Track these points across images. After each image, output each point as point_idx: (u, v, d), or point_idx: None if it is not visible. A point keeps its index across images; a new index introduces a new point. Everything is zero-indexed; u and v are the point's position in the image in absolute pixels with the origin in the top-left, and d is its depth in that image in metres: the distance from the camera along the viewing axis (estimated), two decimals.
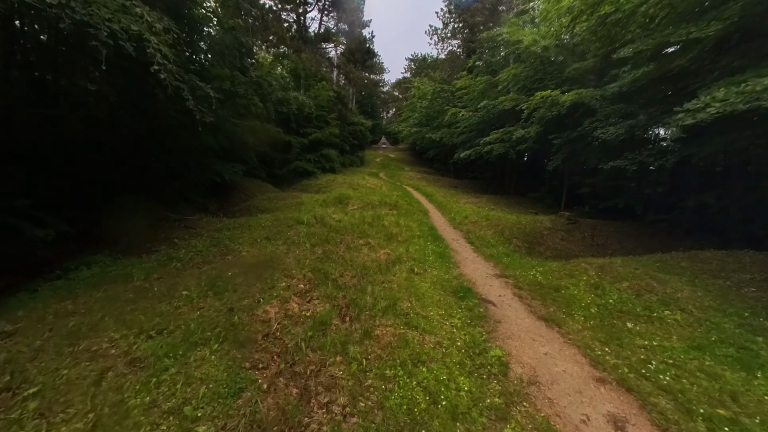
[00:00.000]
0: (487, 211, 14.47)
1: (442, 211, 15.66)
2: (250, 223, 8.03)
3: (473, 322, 4.58)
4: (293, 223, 8.15)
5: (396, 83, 72.15)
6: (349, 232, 8.49)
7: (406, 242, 8.57)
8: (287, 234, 7.50)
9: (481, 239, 10.20)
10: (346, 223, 9.08)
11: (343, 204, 15.34)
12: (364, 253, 7.25)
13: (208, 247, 6.52)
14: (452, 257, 7.94)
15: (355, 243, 7.90)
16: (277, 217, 8.51)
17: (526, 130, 15.64)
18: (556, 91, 13.67)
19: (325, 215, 9.23)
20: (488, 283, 6.37)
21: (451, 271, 6.86)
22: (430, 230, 10.66)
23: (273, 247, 6.77)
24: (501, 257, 8.37)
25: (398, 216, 12.97)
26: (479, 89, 22.28)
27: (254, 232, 7.50)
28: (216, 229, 7.48)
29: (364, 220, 9.61)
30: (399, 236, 8.92)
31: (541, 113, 14.63)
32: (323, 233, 7.92)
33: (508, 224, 11.71)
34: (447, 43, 40.27)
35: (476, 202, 19.96)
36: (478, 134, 24.09)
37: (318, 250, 7.02)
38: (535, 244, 10.72)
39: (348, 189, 19.63)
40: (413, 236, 9.26)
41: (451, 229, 11.85)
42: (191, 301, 4.31)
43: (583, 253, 11.85)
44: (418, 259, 7.14)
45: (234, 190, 17.53)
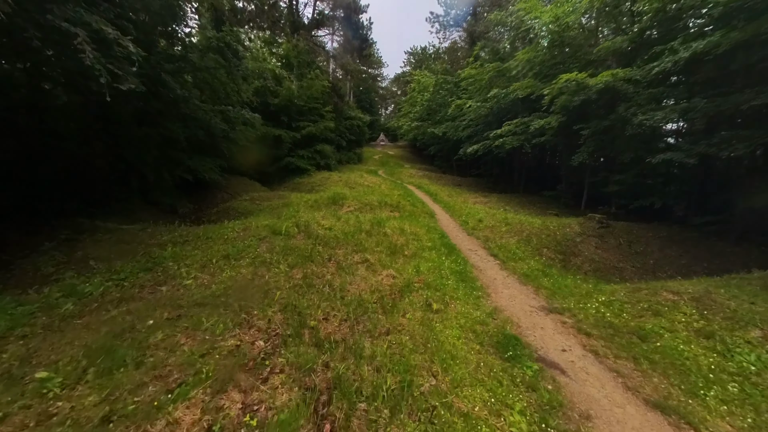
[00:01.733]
0: (503, 214, 12.55)
1: (450, 213, 13.73)
2: (210, 233, 6.08)
3: (546, 419, 2.68)
4: (267, 234, 6.21)
5: (395, 78, 70.04)
6: (341, 245, 6.56)
7: (415, 257, 6.65)
8: (257, 250, 5.56)
9: (504, 250, 8.30)
10: (338, 232, 7.14)
11: (338, 205, 13.40)
12: (360, 276, 5.32)
13: (137, 273, 4.57)
14: (477, 279, 6.02)
15: (349, 260, 5.97)
16: (247, 225, 6.56)
17: (545, 120, 13.71)
18: (583, 74, 11.74)
19: (311, 221, 7.28)
20: (538, 323, 4.46)
21: (482, 303, 4.94)
22: (441, 238, 8.75)
23: (232, 271, 4.83)
24: (538, 276, 6.46)
25: (401, 220, 11.06)
26: (487, 77, 20.32)
27: (213, 246, 5.56)
28: (160, 243, 5.54)
29: (360, 227, 7.68)
30: (405, 248, 6.99)
31: (563, 100, 12.70)
32: (306, 247, 5.99)
33: (533, 230, 9.80)
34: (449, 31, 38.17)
35: (485, 202, 18.05)
36: (485, 127, 22.17)
37: (297, 273, 5.09)
38: (570, 255, 8.82)
39: (344, 188, 17.67)
40: (423, 248, 7.34)
41: (466, 236, 9.94)
42: (41, 395, 2.38)
43: (623, 263, 9.99)
44: (435, 285, 5.22)
45: (214, 189, 15.54)
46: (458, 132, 24.47)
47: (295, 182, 20.55)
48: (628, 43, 11.21)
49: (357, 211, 12.89)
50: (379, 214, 12.47)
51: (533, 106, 18.33)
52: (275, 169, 21.41)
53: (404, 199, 15.87)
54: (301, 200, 13.06)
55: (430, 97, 30.50)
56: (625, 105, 10.62)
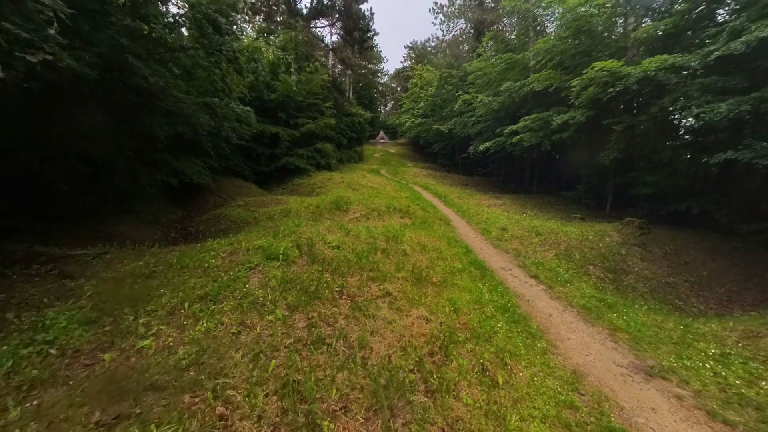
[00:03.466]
0: (529, 221, 11.24)
1: (467, 219, 12.42)
2: (186, 259, 4.73)
3: None
4: (260, 259, 4.87)
5: (395, 74, 68.44)
6: (353, 270, 5.23)
7: (446, 285, 5.33)
8: (246, 285, 4.23)
9: (544, 269, 7.01)
10: (348, 252, 5.81)
11: (342, 211, 12.06)
12: (383, 321, 4.00)
13: (74, 329, 3.23)
14: (530, 317, 4.72)
15: (366, 293, 4.65)
16: (236, 248, 5.22)
17: (569, 115, 12.38)
18: (618, 62, 10.41)
19: (315, 238, 5.94)
20: (643, 400, 3.16)
21: (552, 361, 3.64)
22: (466, 254, 7.43)
23: (210, 321, 3.50)
24: (600, 309, 5.17)
25: (415, 229, 9.75)
26: (498, 69, 18.94)
27: (187, 281, 4.21)
28: (116, 278, 4.21)
29: (375, 243, 6.34)
30: (431, 272, 5.67)
31: (591, 93, 11.37)
32: (311, 277, 4.66)
33: (571, 241, 8.50)
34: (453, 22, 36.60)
35: (500, 205, 16.75)
36: (495, 123, 20.85)
37: (299, 319, 3.78)
38: (620, 273, 7.53)
39: (347, 190, 16.31)
40: (451, 270, 6.02)
41: (492, 249, 8.63)
42: None
43: (673, 276, 8.72)
44: (483, 333, 3.91)
45: (205, 193, 14.15)
46: (467, 128, 23.12)
47: (293, 184, 19.16)
48: (671, 25, 9.86)
49: (364, 218, 11.56)
50: (389, 222, 11.14)
51: (549, 100, 17.01)
52: (273, 169, 20.00)
53: (413, 202, 14.54)
54: (301, 206, 11.71)
55: (434, 92, 29.12)
56: (670, 97, 9.30)
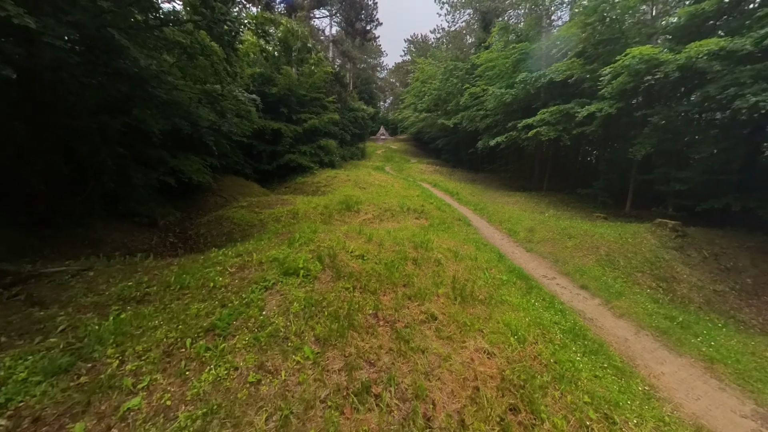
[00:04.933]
0: (555, 221, 10.43)
1: (487, 219, 11.60)
2: (187, 276, 3.88)
3: None
4: (276, 275, 4.03)
5: (395, 68, 67.37)
6: (385, 285, 4.41)
7: (494, 303, 4.51)
8: (262, 312, 3.39)
9: (591, 278, 6.20)
10: (375, 263, 4.98)
11: (353, 212, 11.21)
12: (436, 358, 3.19)
13: (35, 384, 2.39)
14: (605, 343, 3.92)
15: (406, 317, 3.83)
16: (246, 260, 4.38)
17: (596, 107, 11.52)
18: (654, 48, 9.56)
19: (336, 247, 5.09)
20: None
21: (666, 417, 2.83)
22: (500, 260, 6.61)
23: (219, 367, 2.68)
24: (680, 333, 4.37)
25: (435, 231, 8.94)
26: (512, 60, 18.05)
27: (189, 307, 3.36)
28: (100, 303, 3.34)
29: (403, 252, 5.50)
30: (473, 286, 4.84)
31: (621, 82, 10.52)
32: (339, 297, 3.84)
33: (611, 245, 7.68)
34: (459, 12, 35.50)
35: (515, 202, 15.95)
36: (506, 117, 19.97)
37: (333, 359, 2.95)
38: (671, 281, 6.72)
39: (354, 189, 15.44)
40: (494, 283, 5.20)
41: (524, 252, 7.82)
42: None
43: (719, 284, 7.93)
44: (562, 373, 3.10)
45: (205, 193, 13.24)
46: (474, 123, 22.22)
47: (297, 182, 18.28)
48: (713, 5, 9.02)
49: (377, 219, 10.72)
50: (404, 223, 10.31)
51: (567, 91, 16.16)
52: (274, 167, 19.08)
53: (426, 201, 13.70)
54: (309, 207, 10.86)
55: (439, 85, 28.10)
56: (715, 85, 8.47)
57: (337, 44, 26.28)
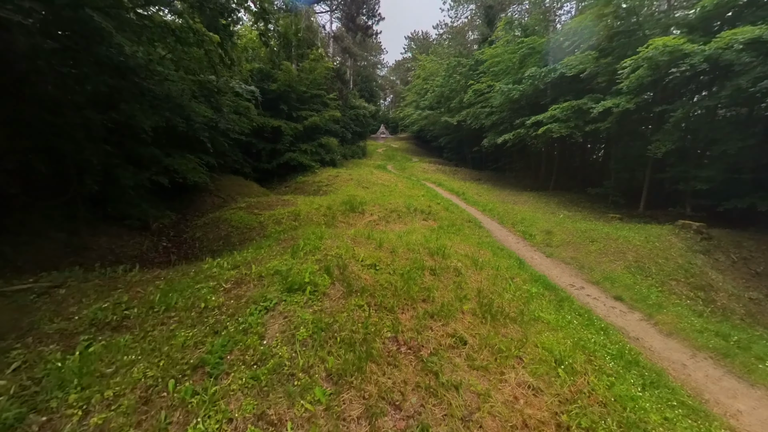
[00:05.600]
0: (571, 222, 9.89)
1: (497, 220, 11.05)
2: (175, 294, 3.32)
3: None
4: (279, 292, 3.48)
5: (395, 66, 66.76)
6: (402, 301, 3.86)
7: (527, 320, 3.97)
8: (263, 339, 2.84)
9: (621, 286, 5.67)
10: (389, 273, 4.42)
11: (357, 213, 10.64)
12: (472, 397, 2.64)
13: None
14: (663, 371, 3.38)
15: (430, 341, 3.29)
16: (243, 274, 3.83)
17: (613, 102, 10.96)
18: (678, 38, 9.00)
19: (345, 255, 4.54)
20: None
21: None
22: (520, 266, 6.06)
23: (211, 420, 2.11)
24: (740, 354, 3.84)
25: (446, 233, 8.41)
26: (519, 55, 17.47)
27: (175, 336, 2.80)
28: (66, 335, 2.75)
29: (418, 260, 4.94)
30: (501, 300, 4.29)
31: (640, 75, 9.96)
32: (352, 318, 3.29)
33: (639, 250, 7.13)
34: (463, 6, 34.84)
35: (524, 202, 15.41)
36: (513, 114, 19.41)
37: (350, 405, 2.40)
38: (708, 290, 6.18)
39: (357, 188, 14.87)
40: (524, 296, 4.65)
41: (544, 258, 7.27)
42: None
43: (751, 290, 7.39)
44: (627, 417, 2.56)
45: (202, 193, 12.65)
46: (479, 120, 21.64)
47: (297, 181, 17.70)
48: None
49: (383, 221, 10.16)
50: (412, 225, 9.76)
51: (578, 87, 15.60)
52: (274, 165, 18.49)
53: (433, 201, 13.14)
54: (311, 208, 10.29)
55: (442, 82, 27.52)
56: (748, 78, 7.93)
57: (338, 40, 25.64)
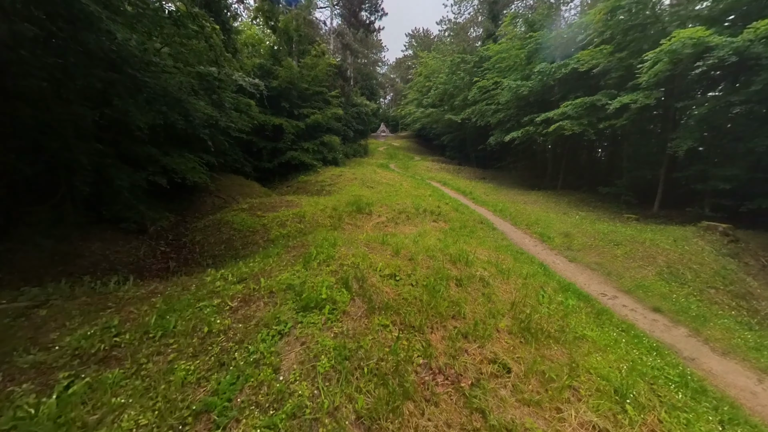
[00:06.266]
0: (589, 224, 9.45)
1: (510, 221, 10.61)
2: (170, 318, 2.86)
3: None
4: (293, 311, 3.03)
5: (395, 64, 66.17)
6: (431, 318, 3.42)
7: (571, 339, 3.52)
8: (278, 373, 2.38)
9: (656, 295, 5.23)
10: (411, 285, 3.98)
11: (364, 214, 10.19)
12: None
13: None
14: (738, 407, 2.94)
15: (467, 368, 2.85)
16: (251, 288, 3.38)
17: (630, 97, 10.50)
18: (704, 30, 8.55)
19: (362, 266, 4.09)
20: None
21: None
22: (545, 273, 5.62)
23: None
24: None
25: (457, 234, 8.00)
26: (528, 50, 17.00)
27: (172, 371, 2.35)
28: (42, 370, 2.30)
29: (440, 269, 4.48)
30: (540, 317, 3.85)
31: (659, 69, 9.52)
32: (378, 341, 2.85)
33: (669, 255, 6.68)
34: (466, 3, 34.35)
35: (533, 202, 14.96)
36: (520, 111, 18.96)
37: None
38: (749, 299, 5.75)
39: (362, 188, 14.41)
40: (560, 310, 4.21)
41: (567, 262, 6.82)
42: None
43: None
44: None
45: (201, 193, 12.18)
46: (485, 117, 21.17)
47: (299, 181, 17.24)
48: None
49: (392, 223, 9.71)
50: (422, 227, 9.31)
51: (588, 83, 15.14)
52: (275, 165, 18.02)
53: (441, 201, 12.69)
54: (316, 209, 9.83)
55: (445, 79, 27.01)
56: None
57: (340, 36, 25.12)
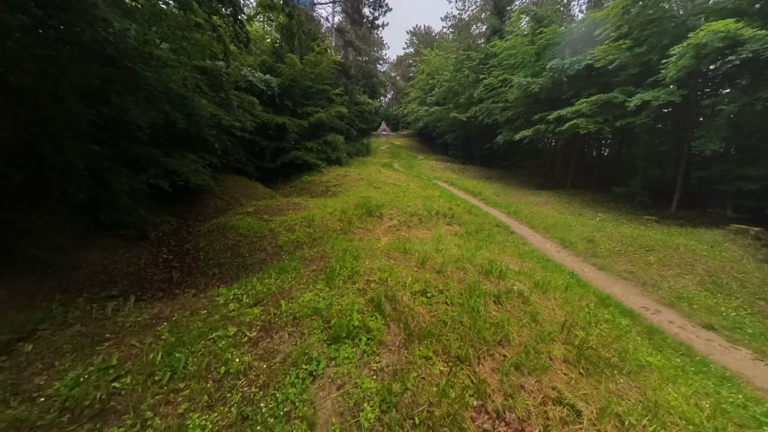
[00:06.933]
0: (613, 227, 9.01)
1: (526, 223, 10.17)
2: (179, 357, 2.42)
3: None
4: (323, 348, 2.58)
5: (396, 62, 65.58)
6: (476, 345, 2.97)
7: (632, 369, 3.09)
8: (314, 430, 1.93)
9: (702, 308, 4.81)
10: (445, 302, 3.55)
11: (375, 217, 9.74)
12: None
13: None
14: None
15: (528, 413, 2.40)
16: (270, 315, 2.95)
17: (652, 94, 10.05)
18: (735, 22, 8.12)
19: (390, 281, 3.66)
20: None
21: None
22: (579, 284, 5.19)
23: None
24: None
25: (477, 239, 7.57)
26: (539, 46, 16.52)
27: (184, 426, 1.92)
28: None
29: (474, 286, 4.04)
30: (590, 338, 3.42)
31: (684, 65, 9.08)
32: (422, 377, 2.40)
33: (709, 263, 6.25)
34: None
35: (545, 203, 14.52)
36: (529, 109, 18.50)
37: None
38: None
39: (369, 189, 13.95)
40: (612, 330, 3.78)
41: (596, 270, 6.38)
42: None
43: None
44: None
45: (204, 195, 11.71)
46: (493, 115, 20.70)
47: (303, 181, 16.78)
48: None
49: (404, 226, 9.26)
50: (436, 230, 8.86)
51: (601, 80, 14.69)
52: (278, 164, 17.54)
53: (452, 203, 12.26)
54: (325, 212, 9.38)
55: (450, 76, 26.52)
56: None
57: (343, 33, 24.60)
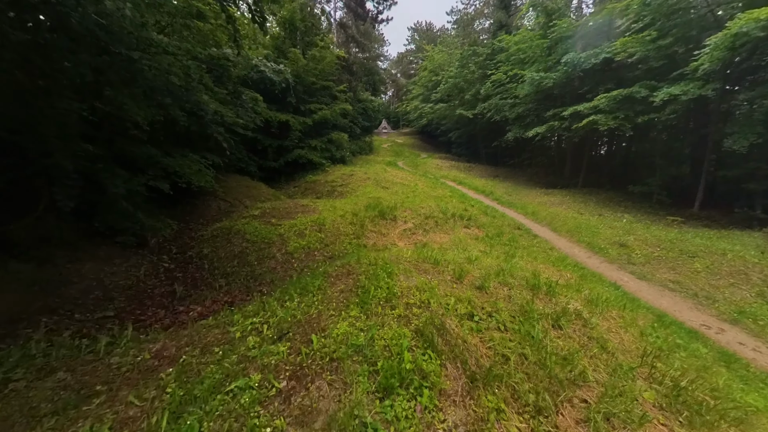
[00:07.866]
0: (643, 229, 8.47)
1: (547, 225, 9.62)
2: (188, 422, 1.91)
3: None
4: (375, 402, 2.04)
5: (397, 59, 64.81)
6: (552, 393, 2.43)
7: (730, 411, 2.57)
8: None
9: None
10: (498, 329, 3.01)
11: (388, 219, 9.16)
12: None
13: None
14: None
15: None
16: (300, 354, 2.41)
17: (680, 88, 9.49)
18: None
19: (433, 303, 3.11)
20: None
21: None
22: (625, 298, 4.66)
23: None
24: None
25: (501, 244, 7.04)
26: (552, 39, 15.93)
27: None
28: None
29: (525, 306, 3.50)
30: (675, 372, 2.88)
31: (718, 57, 8.53)
32: None
33: (758, 268, 5.74)
34: None
35: (560, 203, 13.98)
36: (539, 105, 17.95)
37: None
38: None
39: (377, 189, 13.37)
40: (694, 361, 3.25)
41: (636, 280, 5.85)
42: None
43: None
44: None
45: (206, 197, 11.11)
46: (502, 112, 20.11)
47: (307, 180, 16.20)
48: None
49: (420, 230, 8.68)
50: (454, 234, 8.34)
51: (618, 75, 14.14)
52: (281, 164, 16.97)
53: (465, 203, 11.71)
54: (335, 215, 8.82)
55: (455, 73, 25.90)
56: None
57: (346, 28, 23.94)
